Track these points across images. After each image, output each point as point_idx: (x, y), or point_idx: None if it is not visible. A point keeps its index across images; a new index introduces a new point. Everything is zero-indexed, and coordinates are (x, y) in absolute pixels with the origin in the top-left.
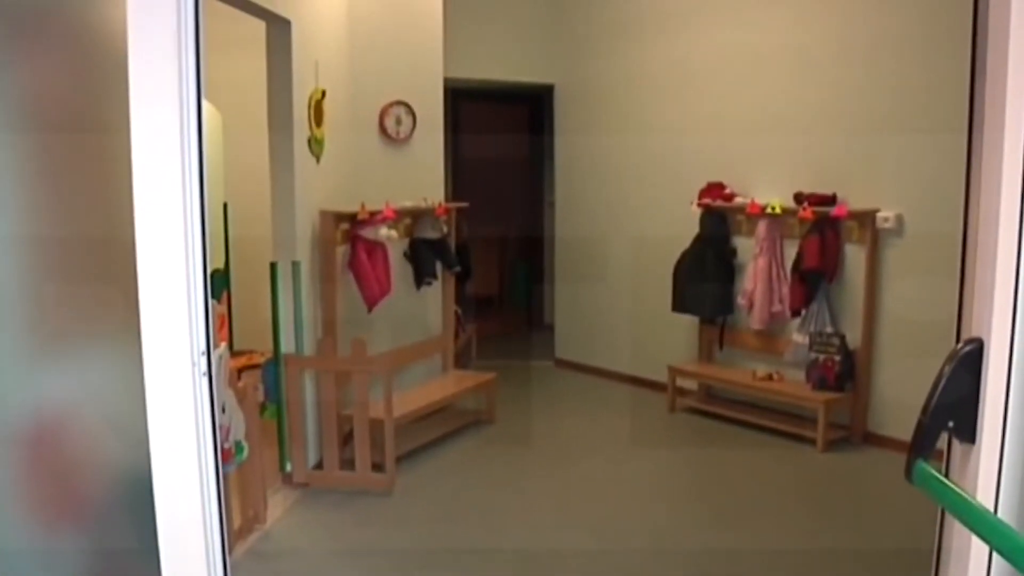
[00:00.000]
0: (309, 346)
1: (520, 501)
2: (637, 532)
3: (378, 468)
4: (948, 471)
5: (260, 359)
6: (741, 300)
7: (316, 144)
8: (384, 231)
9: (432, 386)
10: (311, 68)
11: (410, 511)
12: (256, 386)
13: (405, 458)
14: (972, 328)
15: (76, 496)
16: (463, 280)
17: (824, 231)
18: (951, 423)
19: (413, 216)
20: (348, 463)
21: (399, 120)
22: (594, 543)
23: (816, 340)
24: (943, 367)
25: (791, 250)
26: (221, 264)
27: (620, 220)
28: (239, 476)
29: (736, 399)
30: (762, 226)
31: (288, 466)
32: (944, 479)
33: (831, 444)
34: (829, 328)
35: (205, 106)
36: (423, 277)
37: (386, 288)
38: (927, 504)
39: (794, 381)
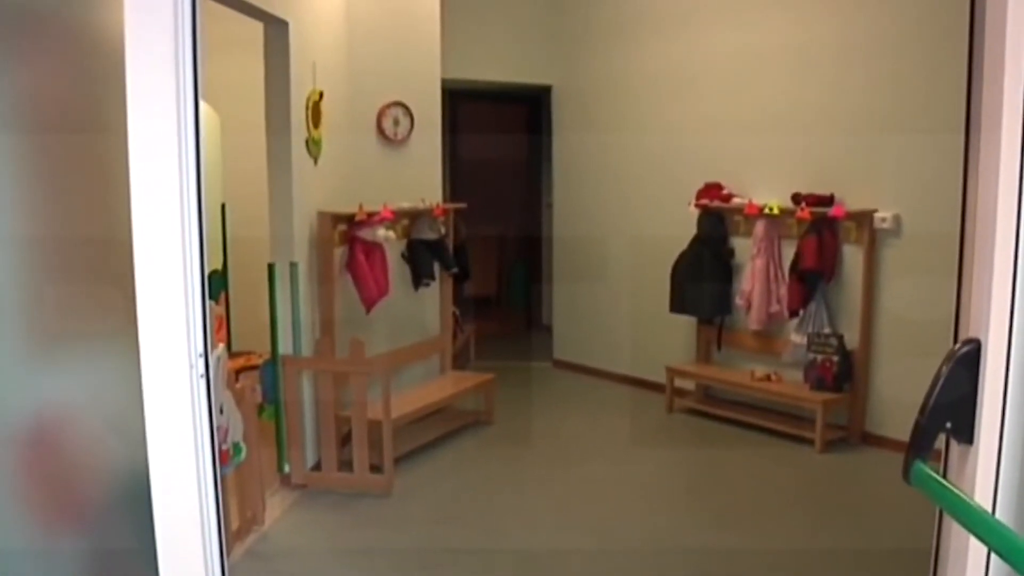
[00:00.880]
0: (307, 347)
1: (519, 502)
2: (636, 532)
3: (376, 469)
4: (946, 472)
5: (258, 360)
6: (739, 300)
7: (314, 145)
8: (382, 232)
9: (430, 387)
10: (309, 69)
11: (408, 512)
12: (254, 387)
13: (403, 459)
14: (970, 328)
15: (74, 497)
16: (461, 281)
17: (822, 231)
18: (949, 424)
19: (411, 217)
20: (346, 464)
21: (397, 121)
22: (593, 543)
23: (814, 340)
24: (941, 367)
25: (789, 250)
26: (219, 265)
27: (618, 221)
28: (237, 477)
29: (734, 400)
30: (760, 226)
31: (286, 467)
32: (942, 480)
33: (829, 444)
34: (827, 328)
35: (203, 107)
36: (421, 278)
37: (384, 289)
38: (925, 504)
39: (792, 381)
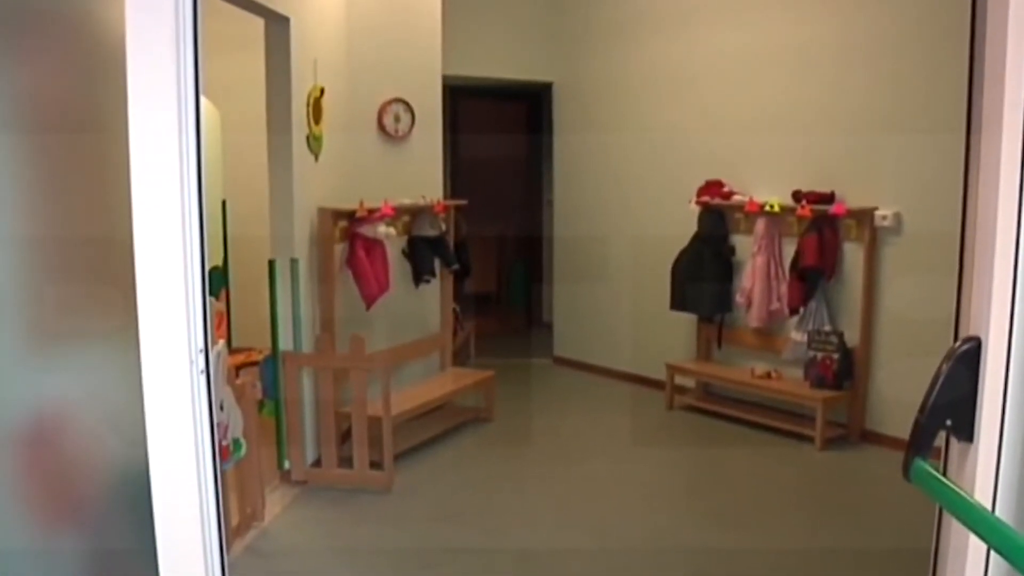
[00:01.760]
0: (307, 343)
1: (518, 498)
2: (635, 530)
3: (376, 466)
4: (946, 469)
5: (258, 356)
6: (739, 298)
7: (315, 142)
8: (382, 228)
9: (430, 384)
10: (310, 66)
11: (408, 509)
12: (254, 383)
13: (403, 456)
14: (970, 326)
15: (74, 494)
16: (462, 278)
17: (822, 229)
18: (949, 421)
19: (412, 214)
20: (346, 461)
21: (398, 117)
22: (592, 540)
23: (814, 338)
24: (941, 365)
25: (789, 248)
26: (219, 261)
27: (619, 218)
28: (237, 473)
29: (734, 397)
30: (760, 224)
31: (286, 464)
32: (942, 477)
33: (829, 442)
34: (827, 326)
35: (204, 103)
36: (421, 275)
37: (384, 286)
38: (925, 502)
39: (792, 379)
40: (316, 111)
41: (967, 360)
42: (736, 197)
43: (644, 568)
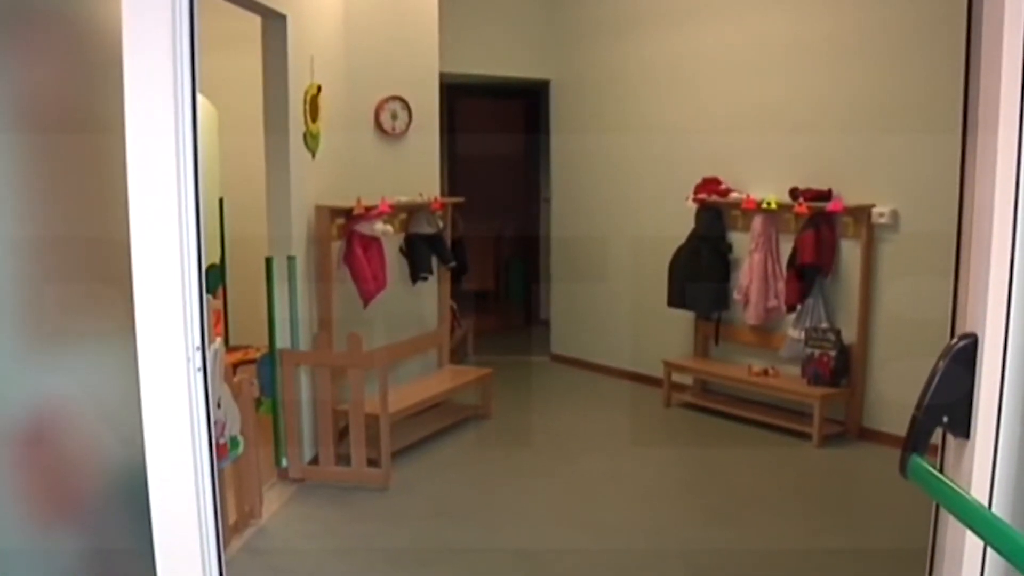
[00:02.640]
0: (305, 341)
1: (515, 496)
2: (633, 528)
3: (374, 464)
4: (943, 466)
5: (256, 354)
6: (737, 296)
7: (312, 139)
8: (380, 226)
9: (428, 381)
10: (307, 63)
11: (406, 507)
12: (252, 381)
13: (401, 453)
14: (967, 323)
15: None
16: (459, 275)
17: (819, 226)
18: (945, 418)
19: (409, 211)
20: (344, 458)
21: (395, 115)
22: (589, 539)
23: (812, 335)
24: (937, 362)
25: (787, 245)
26: (217, 259)
27: (616, 215)
28: (235, 471)
29: (732, 394)
30: (758, 221)
31: (284, 461)
32: (939, 474)
33: (827, 439)
34: (825, 323)
35: (200, 101)
36: (419, 272)
37: (382, 283)
38: (922, 499)
39: (790, 376)
40: (313, 109)
41: (964, 357)
42: (733, 194)
43: (641, 565)
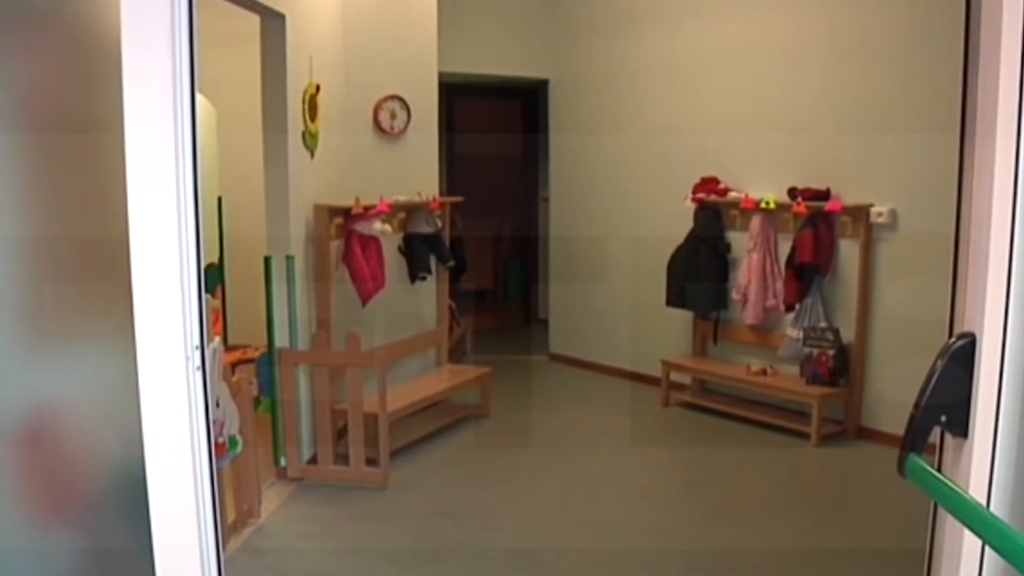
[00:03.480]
0: (303, 340)
1: (515, 495)
2: (631, 527)
3: (372, 463)
4: (941, 465)
5: (254, 353)
6: (735, 295)
7: (310, 138)
8: (378, 225)
9: (427, 380)
10: (305, 62)
11: (404, 505)
12: (250, 380)
13: (399, 453)
14: (965, 323)
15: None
16: (457, 275)
17: (818, 226)
18: (944, 417)
19: (407, 210)
20: (342, 458)
21: (393, 114)
22: (588, 537)
23: (810, 335)
24: (936, 361)
25: (785, 245)
26: (215, 259)
27: (614, 215)
28: (233, 470)
29: (730, 394)
30: (756, 221)
31: (282, 460)
32: (937, 473)
33: (825, 439)
34: (823, 323)
35: (199, 100)
36: (417, 272)
37: (380, 282)
38: (921, 498)
39: (788, 376)
40: (312, 108)
41: (962, 356)
42: (732, 194)
43: (639, 564)
